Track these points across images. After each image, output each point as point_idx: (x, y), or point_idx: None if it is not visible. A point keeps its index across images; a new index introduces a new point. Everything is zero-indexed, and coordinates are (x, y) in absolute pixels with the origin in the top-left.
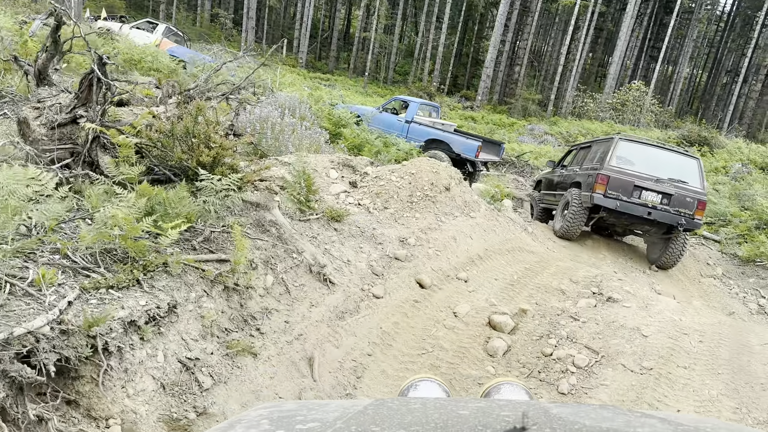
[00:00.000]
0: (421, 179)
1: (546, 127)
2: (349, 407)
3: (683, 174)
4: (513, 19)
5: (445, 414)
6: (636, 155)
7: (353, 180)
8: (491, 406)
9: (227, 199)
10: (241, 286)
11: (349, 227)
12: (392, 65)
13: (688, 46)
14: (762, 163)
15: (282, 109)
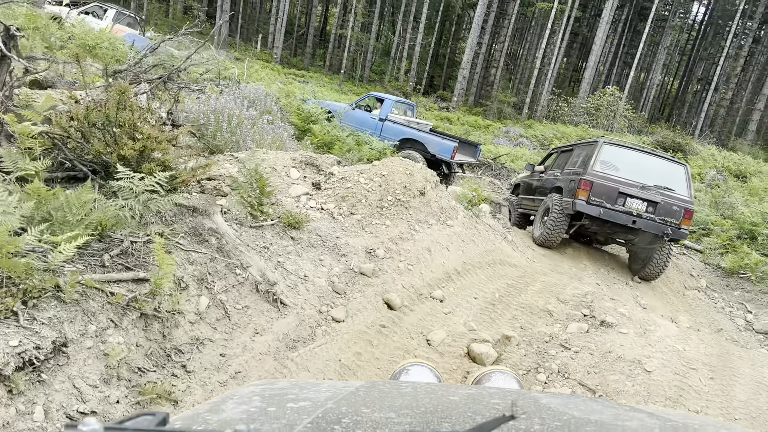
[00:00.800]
0: (393, 182)
1: (521, 130)
2: (341, 388)
3: (670, 181)
4: (490, 22)
5: (436, 399)
6: (621, 160)
7: (317, 181)
8: (481, 393)
9: (152, 203)
10: (165, 312)
11: (308, 235)
12: (368, 64)
13: (662, 54)
14: (736, 171)
15: (245, 101)
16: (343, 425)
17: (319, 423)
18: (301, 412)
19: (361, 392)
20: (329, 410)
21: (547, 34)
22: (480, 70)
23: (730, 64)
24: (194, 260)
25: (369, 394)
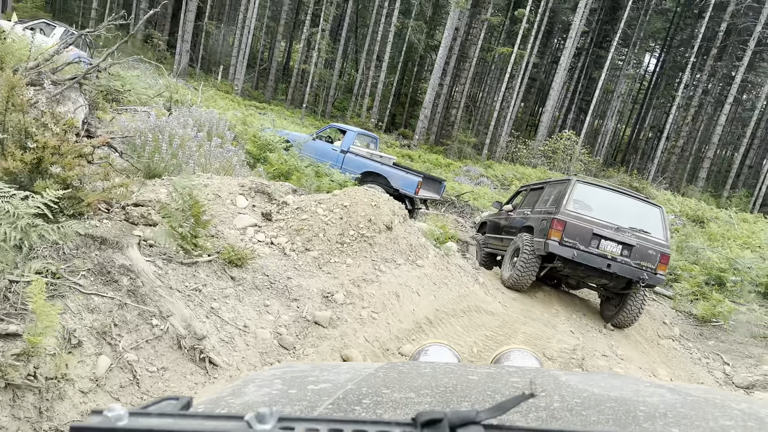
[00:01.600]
0: (356, 214)
1: (481, 170)
2: (360, 369)
3: (645, 223)
4: (451, 64)
5: (455, 379)
6: (594, 200)
7: (267, 211)
8: (500, 372)
9: (36, 230)
10: (43, 380)
11: (253, 275)
12: (331, 99)
13: (616, 101)
14: (694, 216)
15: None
16: (364, 406)
17: (340, 404)
18: (322, 394)
19: (381, 373)
20: (349, 391)
21: (506, 78)
22: (441, 110)
23: (680, 113)
24: (96, 307)
25: (388, 375)
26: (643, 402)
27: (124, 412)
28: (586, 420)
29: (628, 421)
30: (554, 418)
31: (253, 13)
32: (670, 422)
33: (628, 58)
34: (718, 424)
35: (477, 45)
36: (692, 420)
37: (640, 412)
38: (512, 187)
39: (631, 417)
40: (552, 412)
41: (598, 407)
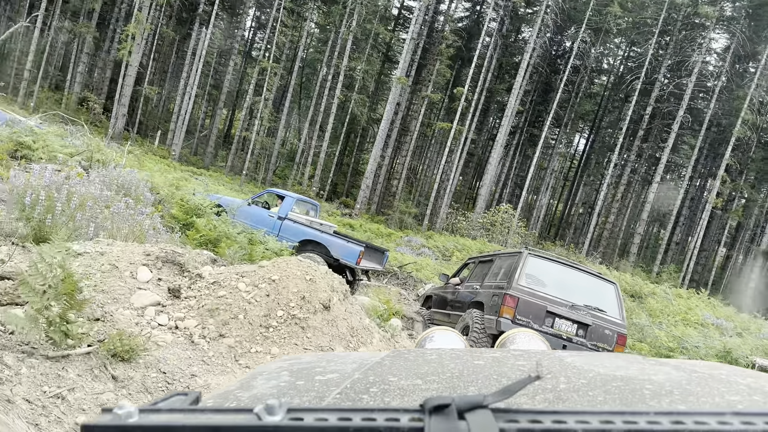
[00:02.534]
0: (286, 290)
1: (422, 240)
2: (367, 359)
3: (600, 301)
4: (393, 136)
5: (461, 364)
6: (547, 274)
7: (176, 286)
8: (507, 356)
9: None
10: None
11: (144, 373)
12: (272, 167)
13: (549, 177)
14: (631, 291)
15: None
16: (371, 394)
17: (347, 393)
18: (330, 384)
19: (387, 362)
20: (357, 381)
21: (446, 152)
22: (383, 181)
23: (610, 191)
24: None
25: (395, 363)
26: (648, 380)
27: (134, 409)
28: (592, 400)
29: (635, 399)
30: (561, 399)
31: (194, 81)
32: (676, 399)
33: (560, 137)
34: (724, 400)
35: (418, 119)
36: (698, 396)
37: (647, 390)
38: (453, 258)
39: (638, 395)
40: (558, 393)
41: (605, 387)
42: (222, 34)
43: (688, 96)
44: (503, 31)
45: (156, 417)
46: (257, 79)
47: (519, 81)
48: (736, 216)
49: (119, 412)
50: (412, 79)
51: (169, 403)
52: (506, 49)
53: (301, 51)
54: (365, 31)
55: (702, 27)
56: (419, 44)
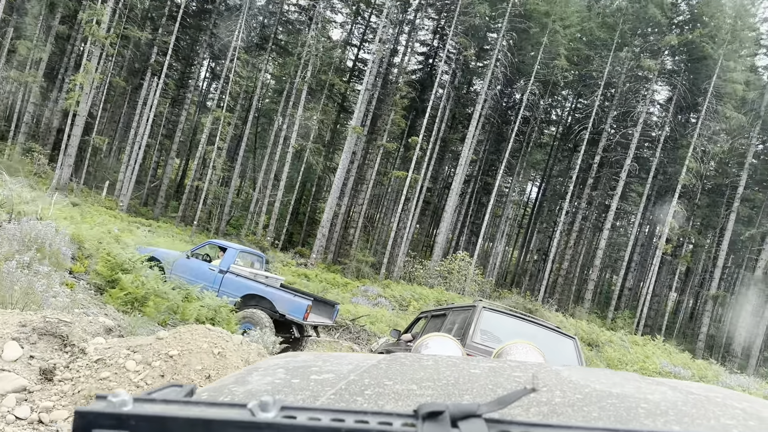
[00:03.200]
0: (187, 367)
1: (379, 290)
2: (363, 361)
3: (559, 358)
4: (349, 185)
5: (457, 372)
6: (503, 329)
7: (50, 366)
8: (503, 366)
9: None
10: None
11: None
12: (226, 217)
13: (504, 225)
14: (588, 339)
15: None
16: (366, 396)
17: (342, 394)
18: (325, 384)
19: (383, 365)
20: (352, 382)
21: (402, 201)
22: (339, 230)
23: (563, 238)
24: None
25: (391, 367)
26: (644, 399)
27: (128, 397)
28: (587, 416)
29: (630, 417)
30: (555, 413)
31: (145, 130)
32: (671, 420)
33: (513, 186)
34: (719, 423)
35: (374, 168)
36: (693, 418)
37: (642, 409)
38: (410, 307)
39: (633, 414)
40: (553, 407)
41: (600, 403)
42: (175, 84)
43: (634, 145)
44: (455, 83)
45: (150, 407)
46: (211, 129)
47: (472, 131)
48: (685, 261)
49: (113, 400)
50: (368, 129)
51: (164, 393)
52: (459, 100)
53: (256, 101)
54: (320, 82)
55: (645, 79)
56: (374, 95)
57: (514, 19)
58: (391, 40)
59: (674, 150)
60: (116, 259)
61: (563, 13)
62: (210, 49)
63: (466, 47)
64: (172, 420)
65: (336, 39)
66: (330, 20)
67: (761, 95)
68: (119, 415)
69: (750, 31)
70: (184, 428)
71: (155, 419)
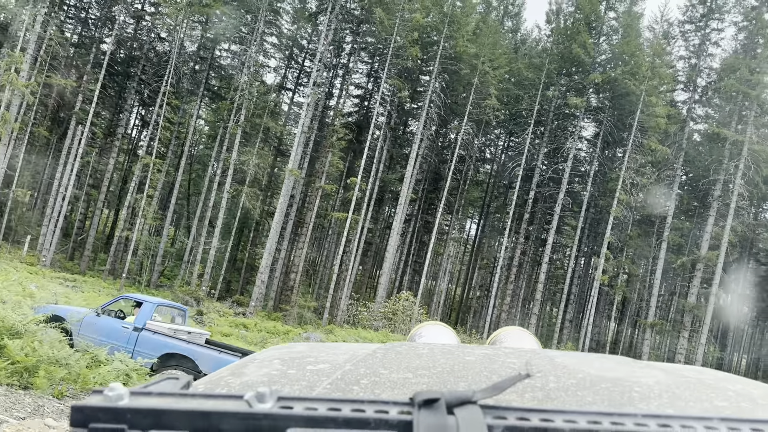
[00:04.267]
0: None
1: (322, 335)
2: (359, 350)
3: None
4: (288, 229)
5: (452, 359)
6: None
7: None
8: (497, 353)
9: None
10: None
11: None
12: (158, 268)
13: (446, 263)
14: None
15: None
16: (362, 386)
17: (338, 384)
18: (321, 374)
19: (379, 354)
20: (348, 372)
21: (343, 242)
22: (280, 275)
23: (503, 273)
24: None
25: (386, 356)
26: (638, 383)
27: (124, 391)
28: (581, 400)
29: (623, 401)
30: (550, 398)
31: (69, 181)
32: (664, 403)
33: (453, 223)
34: (712, 405)
35: (313, 211)
36: (687, 401)
37: (635, 392)
38: None
39: (626, 397)
40: (548, 392)
41: (594, 388)
42: (103, 132)
43: (566, 180)
44: (391, 124)
45: (146, 400)
46: (141, 176)
47: (410, 171)
48: (621, 291)
49: (110, 394)
50: (306, 171)
51: (160, 386)
52: (396, 140)
53: (189, 146)
54: (255, 126)
55: (573, 116)
56: (311, 137)
57: (445, 61)
58: (326, 83)
59: (604, 183)
60: (2, 322)
61: (492, 54)
62: (139, 95)
63: (400, 89)
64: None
65: (270, 83)
66: (263, 65)
67: (682, 128)
68: (116, 408)
69: (667, 68)
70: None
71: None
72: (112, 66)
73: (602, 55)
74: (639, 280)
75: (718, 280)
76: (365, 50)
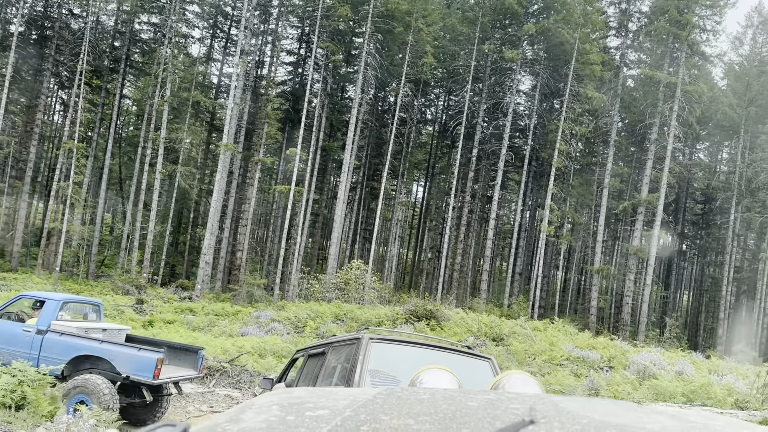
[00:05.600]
0: None
1: (273, 313)
2: (359, 395)
3: (474, 387)
4: (230, 206)
5: (454, 405)
6: (399, 364)
7: None
8: (500, 398)
9: None
10: None
11: None
12: (95, 258)
13: (395, 228)
14: (492, 334)
15: None
16: None
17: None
18: (320, 421)
19: (379, 399)
20: (348, 418)
21: (288, 216)
22: (225, 255)
23: (453, 233)
24: None
25: (387, 401)
26: (643, 429)
27: None
28: None
29: None
30: None
31: None
32: None
33: (399, 188)
34: None
35: (254, 186)
36: None
37: None
38: (307, 328)
39: None
40: None
41: None
42: (21, 120)
43: (507, 135)
44: (328, 90)
45: None
46: (66, 163)
47: (351, 137)
48: (566, 240)
49: None
50: (243, 145)
51: None
52: (334, 107)
53: (115, 128)
54: (183, 101)
55: (509, 70)
56: (244, 109)
57: (377, 20)
58: (255, 51)
59: (544, 135)
60: None
61: (424, 10)
62: (56, 78)
63: (333, 52)
64: None
65: (196, 55)
66: (186, 35)
67: (616, 74)
68: None
69: (599, 14)
70: None
71: None
72: (23, 48)
73: (535, 5)
74: (583, 228)
75: (659, 221)
76: (293, 13)
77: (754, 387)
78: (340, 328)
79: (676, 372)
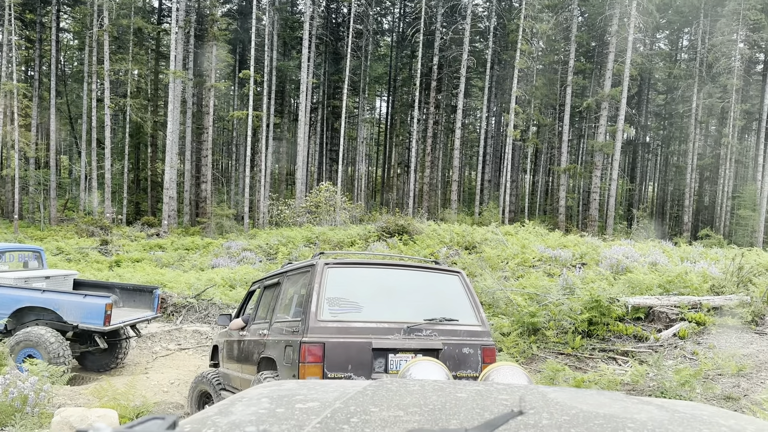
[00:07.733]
0: None
1: (245, 242)
2: (349, 387)
3: (445, 305)
4: (188, 138)
5: (444, 396)
6: (360, 289)
7: None
8: (489, 389)
9: None
10: None
11: None
12: (55, 203)
13: (361, 146)
14: (465, 243)
15: None
16: (352, 425)
17: (327, 423)
18: (310, 413)
19: (369, 391)
20: (338, 410)
21: (249, 142)
22: (190, 187)
23: (420, 146)
24: None
25: (377, 393)
26: (631, 419)
27: (109, 430)
28: None
29: None
30: None
31: None
32: None
33: (362, 105)
34: None
35: (210, 113)
36: None
37: (629, 429)
38: (279, 254)
39: None
40: (541, 429)
41: (587, 424)
42: None
43: (467, 39)
44: (277, 5)
45: None
46: (8, 106)
47: (306, 54)
48: (533, 143)
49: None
50: (193, 71)
51: (146, 426)
52: (286, 23)
53: (56, 65)
54: (124, 29)
55: None
56: (190, 33)
57: None
58: None
59: (505, 36)
60: None
61: None
62: None
63: None
64: None
65: None
66: None
67: None
68: None
69: None
70: None
71: None
72: None
73: None
74: (549, 130)
75: (623, 115)
76: None
77: (728, 271)
78: (312, 251)
79: (650, 263)
